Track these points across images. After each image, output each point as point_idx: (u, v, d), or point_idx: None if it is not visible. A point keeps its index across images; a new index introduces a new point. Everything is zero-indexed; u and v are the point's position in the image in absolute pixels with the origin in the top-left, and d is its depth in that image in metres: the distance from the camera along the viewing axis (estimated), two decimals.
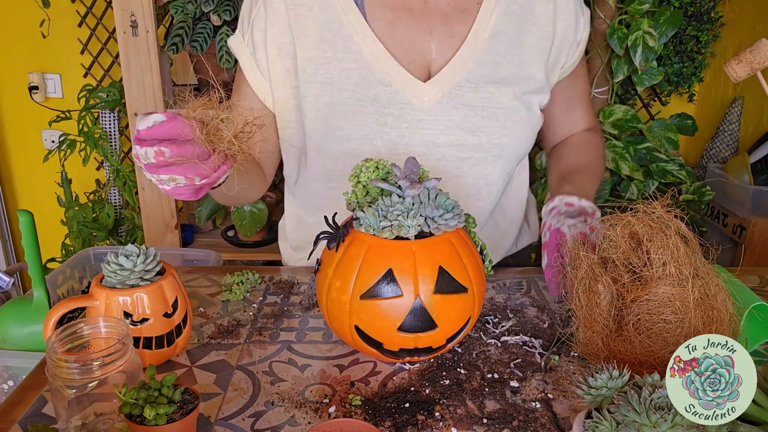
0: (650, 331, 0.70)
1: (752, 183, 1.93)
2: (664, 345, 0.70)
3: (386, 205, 0.73)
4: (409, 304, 0.71)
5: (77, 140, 2.13)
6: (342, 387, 0.74)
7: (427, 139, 0.95)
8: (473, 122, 0.95)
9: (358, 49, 0.94)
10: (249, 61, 0.99)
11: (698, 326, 0.69)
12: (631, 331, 0.71)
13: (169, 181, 0.67)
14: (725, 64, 0.88)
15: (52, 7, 2.13)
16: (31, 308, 1.11)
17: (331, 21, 0.94)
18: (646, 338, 0.71)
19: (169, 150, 0.65)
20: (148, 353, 0.73)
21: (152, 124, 0.65)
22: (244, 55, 0.99)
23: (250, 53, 0.98)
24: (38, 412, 0.69)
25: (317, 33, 0.94)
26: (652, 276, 0.70)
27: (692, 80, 2.16)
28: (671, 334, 0.69)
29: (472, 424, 0.68)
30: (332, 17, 0.94)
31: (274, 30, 0.95)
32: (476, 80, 0.96)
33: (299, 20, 0.94)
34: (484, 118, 0.96)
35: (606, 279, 0.73)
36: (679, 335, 0.69)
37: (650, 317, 0.70)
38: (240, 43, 1.00)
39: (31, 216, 1.02)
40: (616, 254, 0.73)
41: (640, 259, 0.72)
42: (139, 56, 1.84)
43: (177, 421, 0.59)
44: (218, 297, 0.95)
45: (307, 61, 0.95)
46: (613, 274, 0.74)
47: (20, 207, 2.46)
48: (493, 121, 0.96)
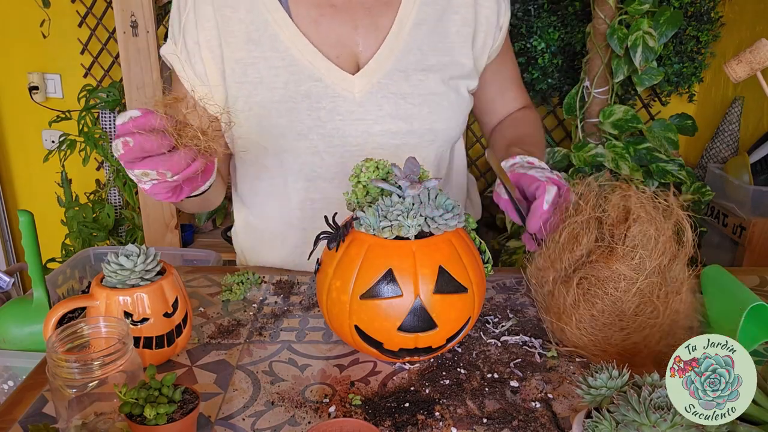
0: (588, 293, 0.76)
1: (752, 183, 1.93)
2: (590, 307, 0.76)
3: (386, 205, 0.74)
4: (409, 304, 0.71)
5: (77, 140, 2.14)
6: (342, 387, 0.74)
7: (361, 130, 0.97)
8: (404, 110, 0.98)
9: (285, 47, 0.95)
10: (183, 68, 0.99)
11: (628, 311, 0.74)
12: (574, 283, 0.76)
13: (143, 176, 0.71)
14: (725, 64, 0.88)
15: (52, 7, 2.13)
16: (31, 308, 1.10)
17: (257, 21, 0.96)
18: (581, 294, 0.76)
19: (132, 139, 0.68)
20: (148, 353, 0.74)
21: (128, 119, 0.69)
22: (177, 64, 1.00)
23: (185, 60, 0.99)
24: (38, 411, 0.69)
25: (244, 33, 0.96)
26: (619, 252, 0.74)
27: (692, 80, 2.16)
28: (603, 304, 0.75)
29: (472, 423, 0.68)
30: (258, 17, 0.96)
31: (205, 33, 0.96)
32: (404, 69, 0.98)
33: (225, 21, 0.95)
34: (414, 105, 0.98)
35: (592, 236, 0.77)
36: (608, 308, 0.75)
37: (595, 281, 0.75)
38: (173, 50, 1.00)
39: (31, 216, 1.02)
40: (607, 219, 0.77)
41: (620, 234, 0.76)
42: (139, 56, 1.84)
43: (177, 420, 0.59)
44: (218, 297, 0.95)
45: (236, 62, 0.96)
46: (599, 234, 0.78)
47: (20, 207, 2.47)
48: (424, 108, 0.99)
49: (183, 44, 0.98)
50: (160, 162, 0.69)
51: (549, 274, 0.81)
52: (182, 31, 0.98)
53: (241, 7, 0.96)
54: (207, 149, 0.72)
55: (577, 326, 0.76)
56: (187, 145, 0.70)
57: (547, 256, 0.81)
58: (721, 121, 2.14)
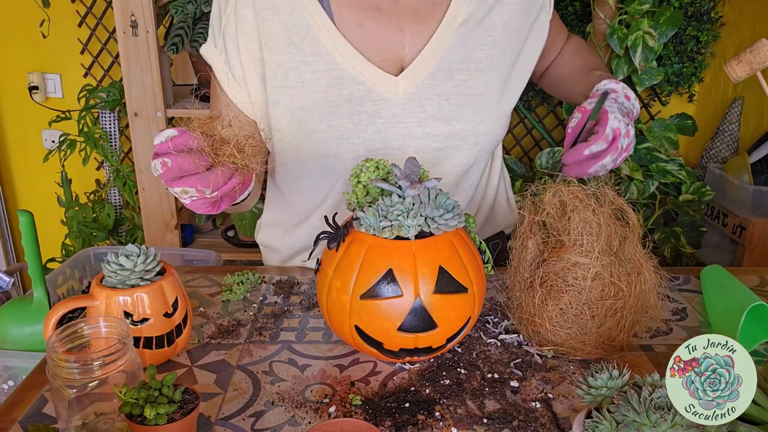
0: (552, 289, 0.78)
1: (752, 183, 1.93)
2: (557, 302, 0.77)
3: (386, 205, 0.74)
4: (409, 304, 0.71)
5: (77, 140, 2.13)
6: (342, 387, 0.74)
7: (402, 133, 0.96)
8: (447, 111, 0.96)
9: (326, 51, 0.93)
10: (223, 69, 0.98)
11: (592, 298, 0.76)
12: (537, 284, 0.79)
13: (182, 193, 0.74)
14: (725, 64, 0.88)
15: (52, 7, 2.13)
16: (31, 308, 1.11)
17: (298, 24, 0.94)
18: (546, 293, 0.78)
19: (170, 160, 0.71)
20: (148, 353, 0.74)
21: (165, 139, 0.72)
22: (217, 64, 0.99)
23: (224, 62, 0.97)
24: (38, 411, 0.69)
25: (285, 37, 0.93)
26: (567, 243, 0.77)
27: (692, 80, 2.16)
28: (568, 296, 0.76)
29: (472, 424, 0.68)
30: (299, 20, 0.94)
31: (245, 36, 0.94)
32: (449, 68, 0.96)
33: (266, 25, 0.93)
34: (458, 107, 0.96)
35: (537, 238, 0.81)
36: (574, 299, 0.76)
37: (555, 277, 0.77)
38: (213, 52, 0.99)
39: (31, 216, 1.02)
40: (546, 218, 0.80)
41: (563, 227, 0.79)
42: (139, 56, 1.84)
43: (177, 420, 0.59)
44: (218, 297, 0.95)
45: (277, 66, 0.94)
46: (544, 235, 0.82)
47: (20, 207, 2.47)
48: (467, 109, 0.97)
49: (223, 46, 0.97)
50: (199, 180, 0.72)
51: (515, 289, 0.83)
52: (222, 33, 0.96)
53: (281, 10, 0.94)
54: (244, 167, 0.74)
55: (550, 323, 0.78)
56: (225, 162, 0.73)
57: (510, 275, 0.85)
58: (721, 121, 2.14)
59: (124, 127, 2.24)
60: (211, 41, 0.99)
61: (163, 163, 0.71)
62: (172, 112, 1.95)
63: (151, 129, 1.92)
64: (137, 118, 1.91)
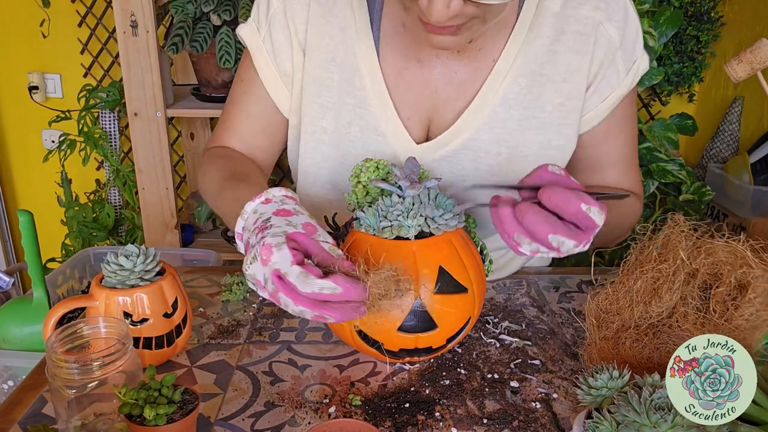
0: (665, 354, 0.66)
1: (752, 183, 1.93)
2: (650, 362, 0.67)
3: (386, 205, 0.73)
4: (409, 305, 0.71)
5: (77, 140, 2.13)
6: (342, 387, 0.74)
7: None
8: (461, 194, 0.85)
9: (362, 85, 0.87)
10: (266, 60, 0.90)
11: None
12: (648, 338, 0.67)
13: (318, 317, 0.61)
14: (725, 64, 0.88)
15: (52, 7, 2.13)
16: (31, 308, 1.10)
17: (346, 45, 0.87)
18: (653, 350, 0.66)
19: (333, 317, 0.60)
20: (148, 353, 0.73)
21: (320, 290, 0.58)
22: (259, 53, 0.90)
23: (268, 52, 0.90)
24: (38, 412, 0.69)
25: (329, 52, 0.88)
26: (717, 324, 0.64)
27: (692, 80, 2.16)
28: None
29: (472, 424, 0.68)
30: (347, 41, 0.87)
31: (299, 35, 0.88)
32: (476, 148, 0.88)
33: (315, 31, 0.87)
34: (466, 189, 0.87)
35: (676, 294, 0.66)
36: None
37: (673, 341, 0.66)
38: (254, 37, 0.90)
39: (31, 216, 1.02)
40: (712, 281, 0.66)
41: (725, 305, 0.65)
42: (139, 56, 1.84)
43: (177, 421, 0.59)
44: (218, 297, 0.95)
45: (312, 78, 0.89)
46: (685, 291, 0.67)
47: (20, 207, 2.47)
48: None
49: (268, 34, 0.89)
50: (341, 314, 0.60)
51: (614, 319, 0.71)
52: (269, 20, 0.88)
53: (334, 22, 0.87)
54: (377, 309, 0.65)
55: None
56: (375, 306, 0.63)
57: (614, 299, 0.71)
58: (721, 121, 2.14)
59: (124, 127, 2.24)
60: (254, 23, 0.91)
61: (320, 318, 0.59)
62: (172, 112, 1.95)
63: (151, 129, 1.92)
64: (137, 118, 1.91)
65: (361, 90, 0.88)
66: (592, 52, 0.87)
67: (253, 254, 0.61)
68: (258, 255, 0.60)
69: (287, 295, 0.59)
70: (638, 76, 0.90)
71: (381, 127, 0.88)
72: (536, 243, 0.65)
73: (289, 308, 0.60)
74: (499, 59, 0.86)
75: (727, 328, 0.64)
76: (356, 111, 0.88)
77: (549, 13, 0.86)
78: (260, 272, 0.61)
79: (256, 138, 0.97)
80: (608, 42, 0.87)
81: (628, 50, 0.89)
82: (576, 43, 0.86)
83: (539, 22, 0.86)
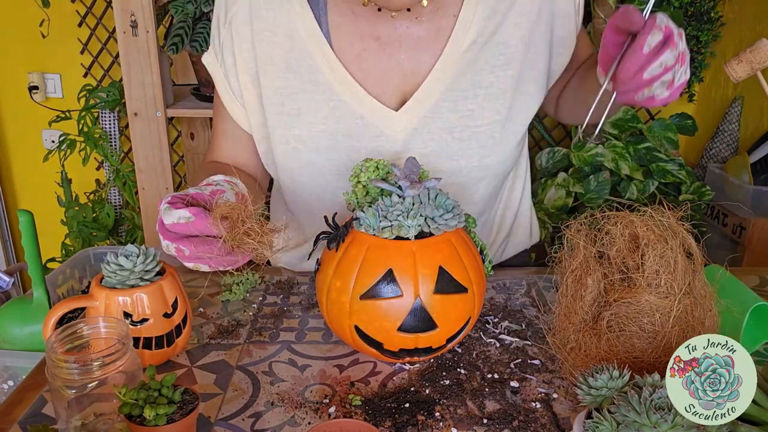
0: (621, 332, 0.70)
1: (752, 183, 1.93)
2: (630, 349, 0.69)
3: (386, 205, 0.73)
4: (409, 304, 0.71)
5: (77, 140, 2.14)
6: (342, 387, 0.74)
7: None
8: (450, 147, 0.91)
9: (325, 80, 0.90)
10: (223, 83, 0.96)
11: (672, 342, 0.68)
12: (603, 327, 0.70)
13: (194, 267, 0.70)
14: (725, 64, 0.88)
15: (52, 7, 2.13)
16: (31, 308, 1.10)
17: (297, 48, 0.90)
18: (615, 338, 0.70)
19: (188, 249, 0.68)
20: (147, 353, 0.73)
21: (177, 220, 0.68)
22: (218, 76, 0.96)
23: (223, 76, 0.95)
24: (38, 412, 0.69)
25: (283, 61, 0.90)
26: (641, 281, 0.69)
27: (692, 80, 2.16)
28: (641, 341, 0.69)
29: (473, 424, 0.68)
30: (297, 44, 0.90)
31: (243, 55, 0.91)
32: (454, 98, 0.90)
33: (263, 47, 0.90)
34: (462, 141, 0.91)
35: (597, 274, 0.71)
36: (649, 345, 0.69)
37: (626, 320, 0.69)
38: (213, 63, 0.96)
39: (31, 216, 1.02)
40: (612, 251, 0.71)
41: (635, 262, 0.70)
42: (139, 56, 1.84)
43: (177, 421, 0.59)
44: (218, 297, 0.95)
45: (273, 91, 0.91)
46: (605, 269, 0.72)
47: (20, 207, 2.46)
48: (473, 143, 0.91)
49: (222, 60, 0.94)
50: (213, 261, 0.69)
51: (568, 331, 0.74)
52: (221, 47, 0.93)
53: (280, 32, 0.90)
54: (258, 256, 0.70)
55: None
56: (241, 249, 0.69)
57: (561, 314, 0.75)
58: (721, 121, 2.14)
59: (124, 127, 2.24)
60: (212, 51, 0.96)
61: (179, 250, 0.68)
62: (171, 112, 1.95)
63: (151, 129, 1.92)
64: (137, 118, 1.91)
65: (325, 84, 0.90)
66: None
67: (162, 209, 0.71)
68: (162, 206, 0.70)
69: (160, 233, 0.70)
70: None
71: (357, 111, 0.90)
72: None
73: (163, 247, 0.70)
74: (460, 12, 0.90)
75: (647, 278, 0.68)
76: (328, 104, 0.90)
77: None
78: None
79: (237, 153, 1.01)
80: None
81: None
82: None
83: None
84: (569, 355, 0.74)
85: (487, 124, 0.91)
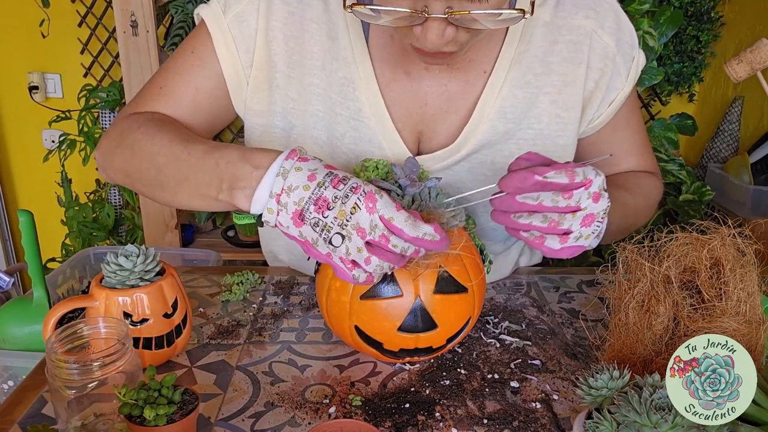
0: None
1: (752, 183, 1.93)
2: None
3: None
4: (409, 304, 0.71)
5: (77, 140, 2.14)
6: (342, 387, 0.74)
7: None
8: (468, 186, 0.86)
9: (356, 96, 0.84)
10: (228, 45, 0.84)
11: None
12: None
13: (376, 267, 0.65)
14: (725, 64, 0.88)
15: (52, 7, 2.13)
16: (31, 308, 1.10)
17: (333, 53, 0.84)
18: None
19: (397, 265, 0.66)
20: (147, 353, 0.73)
21: (422, 236, 0.64)
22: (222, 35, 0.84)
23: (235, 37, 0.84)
24: (38, 412, 0.69)
25: (320, 59, 0.84)
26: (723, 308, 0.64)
27: (692, 80, 2.16)
28: None
29: (473, 424, 0.68)
30: (336, 50, 0.84)
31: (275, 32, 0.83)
32: (473, 160, 0.87)
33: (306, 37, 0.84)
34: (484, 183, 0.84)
35: (668, 301, 0.66)
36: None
37: None
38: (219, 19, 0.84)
39: (31, 216, 1.02)
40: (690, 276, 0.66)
41: (714, 288, 0.65)
42: (139, 56, 1.84)
43: (177, 421, 0.59)
44: (218, 297, 0.95)
45: (304, 87, 0.85)
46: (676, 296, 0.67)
47: (20, 207, 2.46)
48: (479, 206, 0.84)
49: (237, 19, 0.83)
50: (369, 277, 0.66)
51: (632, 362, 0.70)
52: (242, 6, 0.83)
53: (324, 29, 0.83)
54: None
55: None
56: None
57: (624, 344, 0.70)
58: (721, 121, 2.14)
59: None
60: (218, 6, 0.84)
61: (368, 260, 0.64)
62: None
63: None
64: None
65: (354, 101, 0.84)
66: (587, 61, 0.86)
67: (353, 204, 0.63)
68: (361, 204, 0.63)
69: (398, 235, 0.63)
70: (639, 71, 0.90)
71: (377, 139, 0.86)
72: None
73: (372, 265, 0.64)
74: (492, 72, 0.85)
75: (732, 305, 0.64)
76: (350, 123, 0.85)
77: (539, 23, 0.85)
78: (366, 220, 0.63)
79: (197, 114, 0.89)
80: (604, 49, 0.87)
81: (626, 53, 0.88)
82: (570, 53, 0.86)
83: (530, 32, 0.85)
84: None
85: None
